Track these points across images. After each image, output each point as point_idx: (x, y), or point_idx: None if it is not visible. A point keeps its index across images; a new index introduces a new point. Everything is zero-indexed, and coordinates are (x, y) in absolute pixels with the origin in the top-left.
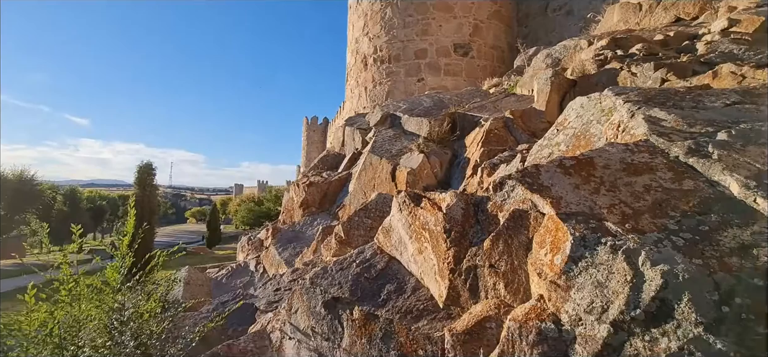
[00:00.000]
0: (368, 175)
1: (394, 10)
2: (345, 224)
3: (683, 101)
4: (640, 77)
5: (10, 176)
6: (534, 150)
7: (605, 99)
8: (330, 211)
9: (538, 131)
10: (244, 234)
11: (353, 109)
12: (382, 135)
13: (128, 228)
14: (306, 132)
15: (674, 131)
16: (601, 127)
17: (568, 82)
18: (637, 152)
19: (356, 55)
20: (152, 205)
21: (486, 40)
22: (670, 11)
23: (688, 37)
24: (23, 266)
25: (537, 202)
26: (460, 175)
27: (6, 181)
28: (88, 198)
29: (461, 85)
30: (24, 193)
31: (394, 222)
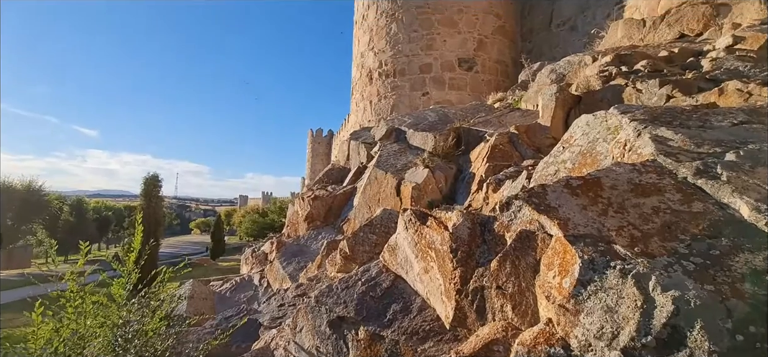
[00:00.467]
0: (373, 190)
1: (399, 25)
2: (350, 240)
3: (690, 120)
4: (645, 94)
5: (18, 187)
6: (540, 167)
7: (611, 117)
8: (334, 225)
9: (543, 147)
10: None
11: (358, 122)
12: (387, 149)
13: (135, 244)
14: (311, 144)
15: (682, 151)
16: (607, 146)
17: (572, 98)
18: (644, 173)
19: (361, 69)
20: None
21: (490, 54)
22: (674, 28)
23: (692, 54)
24: (28, 276)
25: (544, 223)
26: (465, 190)
27: (14, 192)
28: (94, 208)
29: (466, 99)
30: (31, 204)
31: (400, 240)
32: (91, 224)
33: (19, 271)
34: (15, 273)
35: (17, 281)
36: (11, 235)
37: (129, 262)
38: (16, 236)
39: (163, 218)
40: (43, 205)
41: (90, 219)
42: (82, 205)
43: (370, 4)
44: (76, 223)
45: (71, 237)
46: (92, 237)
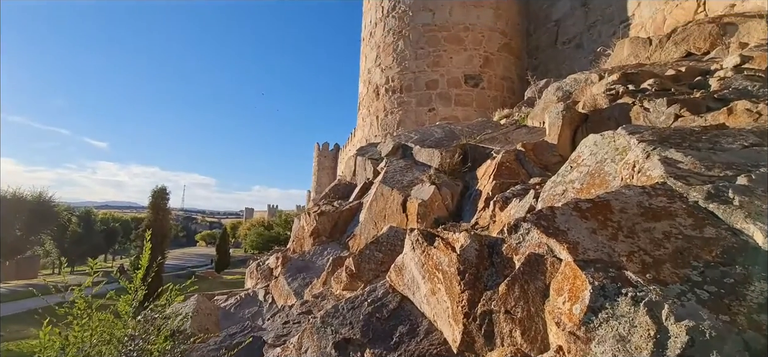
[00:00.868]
0: (379, 206)
1: (406, 42)
2: (356, 257)
3: (699, 142)
4: (652, 112)
5: (28, 197)
6: (547, 186)
7: (619, 137)
8: (340, 240)
9: (551, 165)
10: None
11: (365, 137)
12: (394, 165)
13: (143, 261)
14: (317, 158)
15: (692, 174)
16: (615, 166)
17: (579, 116)
18: (654, 196)
19: (368, 85)
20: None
21: (496, 71)
22: (681, 46)
23: (700, 73)
24: (35, 287)
25: (553, 246)
26: (471, 208)
27: (24, 202)
28: (102, 220)
29: (472, 115)
30: (41, 215)
31: (407, 260)
32: (98, 235)
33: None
34: (22, 283)
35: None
36: (20, 246)
37: (136, 279)
38: (24, 247)
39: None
40: (53, 216)
41: (97, 230)
42: (90, 216)
43: (377, 22)
44: (84, 234)
45: (78, 248)
46: (99, 248)
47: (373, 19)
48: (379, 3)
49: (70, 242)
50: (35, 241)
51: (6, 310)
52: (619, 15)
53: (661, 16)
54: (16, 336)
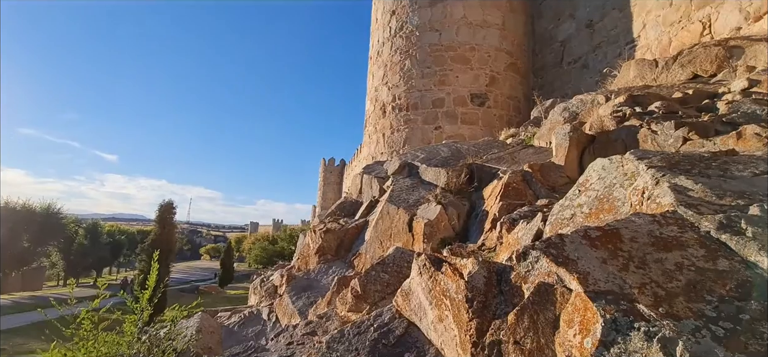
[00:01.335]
0: (385, 225)
1: (413, 61)
2: (361, 278)
3: (709, 169)
4: (660, 135)
5: (37, 209)
6: (555, 209)
7: (627, 163)
8: (345, 259)
9: (558, 186)
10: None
11: (371, 154)
12: (400, 184)
13: (150, 282)
14: (323, 173)
15: (703, 203)
16: (624, 192)
17: (586, 138)
18: (665, 225)
19: (375, 102)
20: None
21: (502, 90)
22: (687, 68)
23: (707, 96)
24: (39, 299)
25: (563, 276)
26: (478, 228)
27: (33, 214)
28: (108, 232)
29: (478, 133)
30: (49, 226)
31: (414, 285)
32: (104, 248)
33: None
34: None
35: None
36: (26, 257)
37: (143, 299)
38: (31, 258)
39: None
40: (60, 228)
41: (103, 242)
42: (97, 228)
43: (384, 41)
44: (90, 246)
45: (84, 260)
46: (104, 261)
47: (381, 39)
48: (387, 23)
49: (76, 254)
50: (42, 252)
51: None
52: (624, 37)
53: (667, 38)
54: (19, 350)
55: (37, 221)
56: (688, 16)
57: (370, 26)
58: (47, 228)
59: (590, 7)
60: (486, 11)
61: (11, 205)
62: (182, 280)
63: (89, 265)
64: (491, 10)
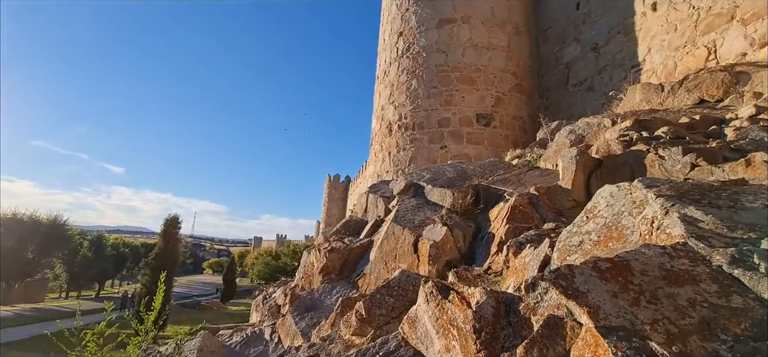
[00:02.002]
0: (390, 245)
1: (419, 81)
2: (366, 301)
3: (719, 199)
4: (668, 161)
5: (44, 220)
6: (563, 236)
7: (636, 191)
8: (350, 279)
9: (565, 210)
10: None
11: (376, 172)
12: (405, 204)
13: (156, 305)
14: (328, 189)
15: (714, 235)
16: (633, 220)
17: (593, 161)
18: (676, 257)
19: (381, 121)
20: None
21: (508, 110)
22: (693, 93)
23: (714, 121)
24: (41, 311)
25: (573, 309)
26: (484, 251)
27: (40, 225)
28: (112, 244)
29: (483, 153)
30: (55, 238)
31: (420, 312)
32: (107, 260)
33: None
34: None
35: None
36: (30, 269)
37: (148, 321)
38: (35, 270)
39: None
40: (65, 240)
41: (107, 255)
42: (102, 240)
43: (391, 61)
44: (94, 258)
45: (87, 272)
46: (108, 273)
47: (388, 59)
48: (394, 44)
49: (80, 266)
50: (46, 264)
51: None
52: (629, 60)
53: (672, 62)
54: None
55: (42, 233)
56: (693, 41)
57: (378, 46)
58: (52, 239)
59: (595, 31)
60: (491, 34)
61: (18, 216)
62: (184, 295)
63: (92, 277)
64: (497, 33)
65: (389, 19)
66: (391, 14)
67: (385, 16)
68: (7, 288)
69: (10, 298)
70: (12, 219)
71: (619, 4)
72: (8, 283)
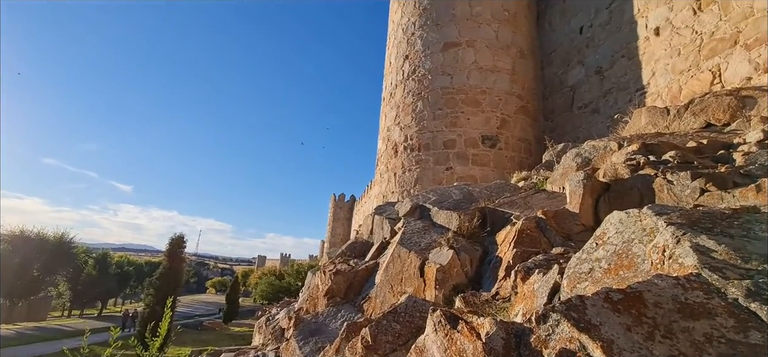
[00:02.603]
0: (396, 268)
1: (424, 103)
2: (372, 327)
3: (731, 228)
4: (677, 185)
5: (51, 238)
6: (572, 262)
7: (645, 218)
8: (355, 302)
9: (573, 234)
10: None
11: (382, 192)
12: (411, 226)
13: (162, 331)
14: (333, 208)
15: (728, 266)
16: (644, 248)
17: (600, 185)
18: (690, 289)
19: (387, 142)
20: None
21: (513, 132)
22: (699, 117)
23: (722, 146)
24: (43, 330)
25: (586, 343)
26: (491, 275)
27: (46, 243)
28: (117, 263)
29: (489, 174)
30: (60, 256)
31: (429, 342)
32: (112, 278)
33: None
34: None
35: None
36: (35, 286)
37: (153, 347)
38: (39, 288)
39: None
40: (71, 258)
41: (111, 273)
42: (106, 258)
43: (397, 84)
44: (98, 276)
45: (91, 290)
46: (111, 292)
47: (394, 81)
48: (400, 67)
49: (84, 284)
50: (50, 281)
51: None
52: (634, 83)
53: (677, 85)
54: None
55: (48, 250)
56: (697, 65)
57: (384, 69)
58: (58, 257)
59: (599, 55)
60: (496, 57)
61: (26, 233)
62: (186, 314)
63: (95, 295)
64: (501, 56)
65: (395, 43)
66: (397, 38)
67: (391, 39)
68: (11, 306)
69: (13, 316)
70: (19, 236)
71: (622, 28)
72: (12, 301)
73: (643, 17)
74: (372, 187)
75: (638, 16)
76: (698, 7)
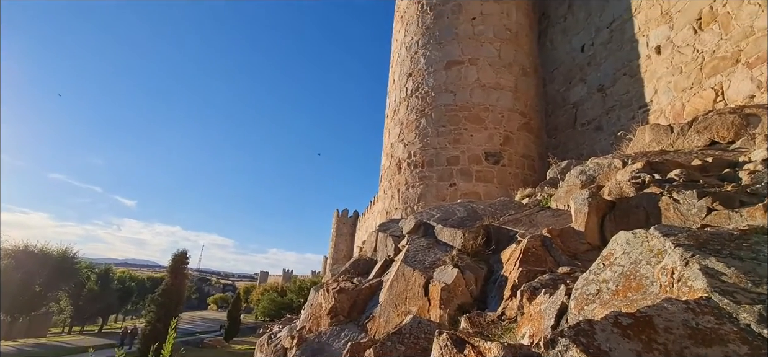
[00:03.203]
0: (400, 287)
1: (428, 120)
2: (377, 349)
3: (740, 250)
4: (683, 205)
5: (54, 253)
6: (579, 283)
7: (652, 239)
8: (358, 321)
9: (579, 253)
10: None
11: (385, 209)
12: (415, 244)
13: (166, 353)
14: (336, 224)
15: (738, 290)
16: (652, 270)
17: (606, 204)
18: (700, 314)
19: (391, 158)
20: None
21: (516, 149)
22: (704, 135)
23: (727, 164)
24: (43, 347)
25: None
26: (497, 295)
27: (49, 258)
28: (119, 278)
29: (493, 191)
30: (63, 271)
31: None
32: (113, 294)
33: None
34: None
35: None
36: (36, 302)
37: None
38: (40, 303)
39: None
40: (73, 273)
41: (113, 289)
42: (109, 274)
43: (401, 101)
44: (100, 292)
45: (92, 306)
46: (112, 308)
47: (397, 98)
48: (404, 84)
49: (85, 300)
50: (52, 297)
51: None
52: (637, 101)
53: (680, 103)
54: None
55: (51, 265)
56: (700, 82)
57: (387, 86)
58: (61, 272)
59: (601, 73)
60: (499, 75)
61: (30, 248)
62: (187, 331)
63: (96, 311)
64: (504, 74)
65: (399, 61)
66: (400, 56)
67: (394, 57)
68: (11, 322)
69: (13, 332)
70: (23, 251)
71: (623, 47)
72: (13, 317)
73: (643, 36)
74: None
75: (639, 35)
76: (699, 26)
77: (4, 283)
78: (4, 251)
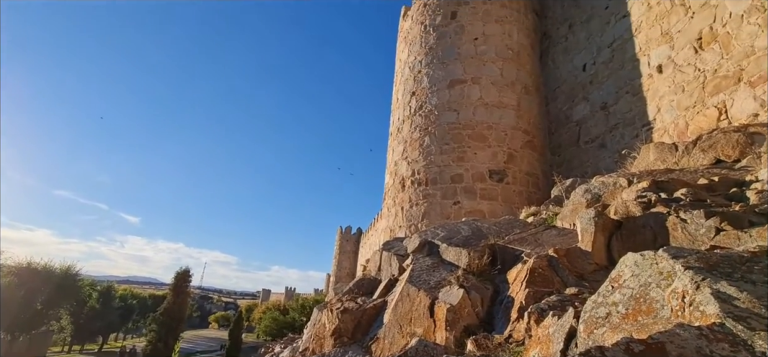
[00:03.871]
0: (405, 308)
1: (432, 138)
2: None
3: (752, 273)
4: (691, 225)
5: (57, 270)
6: (588, 306)
7: (662, 261)
8: (362, 343)
9: (586, 273)
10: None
11: (389, 226)
12: (420, 263)
13: None
14: (339, 241)
15: (752, 315)
16: (662, 293)
17: (612, 223)
18: (714, 341)
19: (395, 176)
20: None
21: (520, 167)
22: (709, 153)
23: (734, 183)
24: None
25: None
26: (503, 316)
27: (52, 275)
28: (121, 296)
29: (497, 209)
30: (65, 289)
31: None
32: (115, 312)
33: None
34: None
35: None
36: (37, 320)
37: None
38: (41, 322)
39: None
40: (75, 290)
41: (115, 307)
42: (111, 292)
43: (405, 119)
44: (101, 310)
45: (93, 324)
46: (113, 326)
47: (401, 117)
48: (407, 103)
49: (86, 318)
50: (53, 315)
51: None
52: (640, 119)
53: (684, 121)
54: None
55: (54, 283)
56: (703, 101)
57: (391, 104)
58: (63, 290)
59: (603, 91)
60: (502, 93)
61: (33, 265)
62: (187, 351)
63: (97, 330)
64: (507, 93)
65: (402, 80)
66: (404, 75)
67: (398, 77)
68: (12, 340)
69: (13, 350)
70: (26, 268)
71: (625, 66)
72: (13, 335)
73: (645, 55)
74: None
75: (640, 54)
76: (699, 45)
77: (5, 300)
78: (7, 268)
